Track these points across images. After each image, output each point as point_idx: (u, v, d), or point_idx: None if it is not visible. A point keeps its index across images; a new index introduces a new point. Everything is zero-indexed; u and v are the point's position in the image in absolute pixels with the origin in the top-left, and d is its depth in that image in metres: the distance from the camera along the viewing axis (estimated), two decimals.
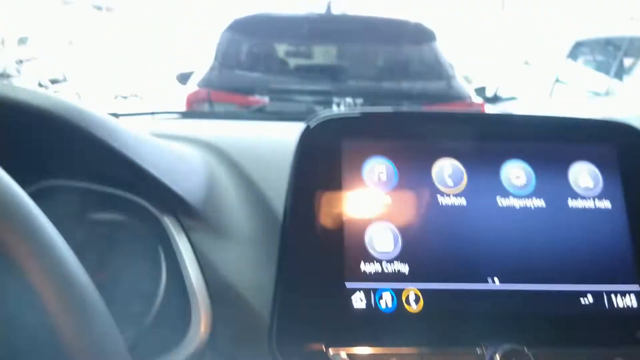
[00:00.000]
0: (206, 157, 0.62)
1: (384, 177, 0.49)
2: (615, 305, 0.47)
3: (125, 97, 5.18)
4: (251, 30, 3.26)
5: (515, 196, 0.50)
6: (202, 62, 3.33)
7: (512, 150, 0.51)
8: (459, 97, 3.11)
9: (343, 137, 0.50)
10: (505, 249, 0.48)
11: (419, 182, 0.49)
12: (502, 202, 0.49)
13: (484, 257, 0.47)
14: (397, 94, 3.13)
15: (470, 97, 3.13)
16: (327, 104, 2.94)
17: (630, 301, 0.47)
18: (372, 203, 0.49)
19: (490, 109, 4.20)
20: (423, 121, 0.52)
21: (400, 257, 0.47)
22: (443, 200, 0.49)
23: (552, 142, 0.51)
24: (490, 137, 0.51)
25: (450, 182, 0.49)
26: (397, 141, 0.50)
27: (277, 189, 0.55)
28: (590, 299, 0.47)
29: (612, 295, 0.47)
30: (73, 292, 0.28)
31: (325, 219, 0.47)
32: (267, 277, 0.48)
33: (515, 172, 0.50)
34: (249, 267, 0.51)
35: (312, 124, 0.51)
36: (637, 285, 0.48)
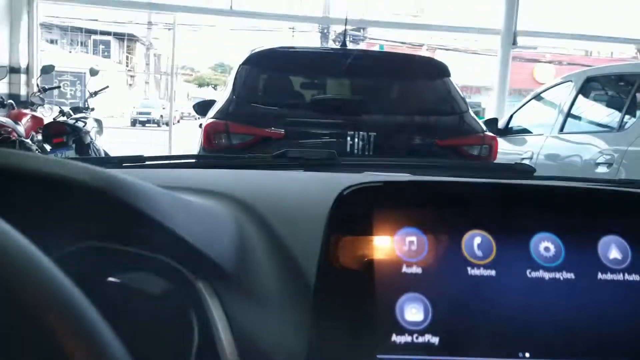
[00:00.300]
0: (236, 214, 0.63)
1: (414, 247, 0.50)
2: None
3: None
4: (267, 64, 3.32)
5: (544, 268, 0.50)
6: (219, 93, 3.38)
7: (541, 222, 0.52)
8: (471, 131, 3.14)
9: (375, 206, 0.51)
10: (536, 322, 0.48)
11: (448, 252, 0.50)
12: (531, 274, 0.50)
13: (515, 331, 0.48)
14: (411, 128, 3.15)
15: (483, 131, 3.15)
16: (342, 136, 2.97)
17: None
18: (402, 273, 0.50)
19: (501, 141, 4.21)
20: (454, 191, 0.53)
21: (431, 329, 0.48)
22: (473, 272, 0.50)
23: (581, 214, 0.52)
24: (520, 209, 0.52)
25: (479, 253, 0.50)
26: (428, 211, 0.52)
27: (307, 251, 0.56)
28: None
29: None
30: None
31: (356, 289, 0.48)
32: (298, 343, 0.49)
33: (545, 244, 0.51)
34: (281, 332, 0.52)
35: (346, 192, 0.53)
36: None
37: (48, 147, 4.61)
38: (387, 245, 0.50)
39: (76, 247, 0.53)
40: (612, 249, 0.51)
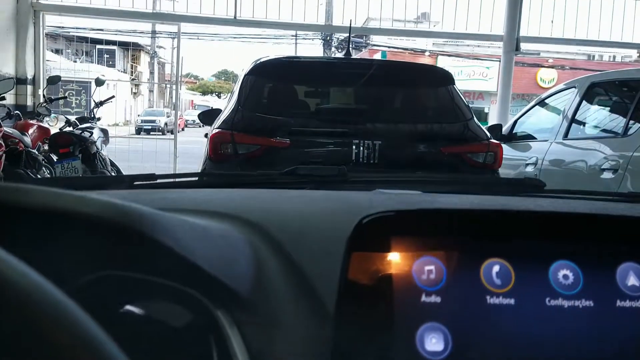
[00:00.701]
0: (250, 237, 0.63)
1: (432, 276, 0.51)
2: None
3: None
4: (272, 74, 3.34)
5: (563, 296, 0.50)
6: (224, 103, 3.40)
7: (560, 249, 0.52)
8: (476, 139, 3.14)
9: (394, 234, 0.52)
10: (555, 351, 0.48)
11: (467, 281, 0.51)
12: (550, 302, 0.50)
13: (534, 359, 0.48)
14: (416, 136, 3.16)
15: (487, 138, 3.15)
16: (347, 145, 2.98)
17: None
18: (422, 302, 0.50)
19: (505, 147, 4.20)
20: (472, 219, 0.54)
21: (452, 359, 0.48)
22: (492, 300, 0.50)
23: (599, 242, 0.53)
24: (538, 237, 0.53)
25: (498, 282, 0.51)
26: (446, 240, 0.52)
27: (321, 272, 0.56)
28: None
29: None
30: None
31: (376, 318, 0.49)
32: None
33: (563, 272, 0.51)
34: (299, 357, 0.52)
35: (364, 220, 0.53)
36: None
37: (55, 157, 4.63)
38: (405, 275, 0.51)
39: (96, 276, 0.53)
40: (631, 276, 0.52)
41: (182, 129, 22.36)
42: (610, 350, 0.49)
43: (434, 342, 0.49)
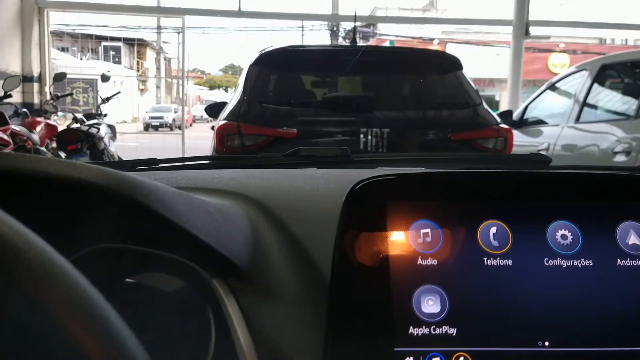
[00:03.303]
0: (250, 212, 0.63)
1: (429, 239, 0.50)
2: None
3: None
4: (278, 63, 3.32)
5: (562, 256, 0.49)
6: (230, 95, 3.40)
7: (558, 210, 0.51)
8: (485, 124, 3.11)
9: (388, 199, 0.51)
10: (554, 311, 0.47)
11: (464, 243, 0.50)
12: (548, 262, 0.49)
13: (533, 320, 0.47)
14: (424, 123, 3.14)
15: (497, 124, 3.12)
16: (355, 134, 2.97)
17: None
18: (418, 265, 0.49)
19: (516, 133, 4.17)
20: (467, 182, 0.53)
21: (449, 320, 0.47)
22: (489, 262, 0.49)
23: (598, 201, 0.51)
24: (536, 198, 0.51)
25: (495, 243, 0.50)
26: (442, 203, 0.51)
27: (320, 247, 0.56)
28: None
29: None
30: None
31: (372, 282, 0.48)
32: (314, 338, 0.49)
33: (562, 232, 0.50)
34: (297, 328, 0.52)
35: (358, 186, 0.52)
36: None
37: (62, 154, 4.67)
38: (401, 239, 0.50)
39: (91, 249, 0.53)
40: (631, 235, 0.50)
41: (190, 125, 22.47)
42: (610, 309, 0.48)
43: (430, 304, 0.48)
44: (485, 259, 0.49)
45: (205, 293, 0.53)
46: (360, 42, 3.73)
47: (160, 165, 1.07)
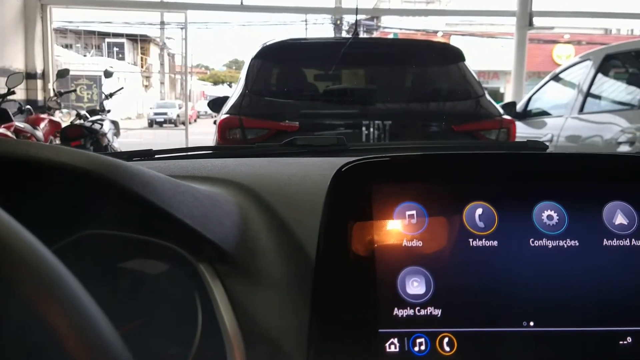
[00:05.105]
0: (239, 199, 0.63)
1: (414, 221, 0.50)
2: None
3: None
4: (279, 57, 3.31)
5: (547, 237, 0.49)
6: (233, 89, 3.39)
7: (544, 191, 0.51)
8: (488, 116, 3.09)
9: (374, 182, 0.51)
10: (539, 291, 0.47)
11: (450, 225, 0.50)
12: (534, 242, 0.49)
13: (518, 300, 0.47)
14: (426, 115, 3.13)
15: (500, 115, 3.10)
16: (357, 126, 2.96)
17: None
18: (403, 247, 0.49)
19: (519, 125, 4.15)
20: (452, 164, 0.53)
21: (433, 301, 0.47)
22: (474, 243, 0.49)
23: (584, 182, 0.51)
24: (521, 179, 0.51)
25: (481, 225, 0.50)
26: (427, 185, 0.51)
27: (309, 231, 0.56)
28: (629, 340, 0.46)
29: None
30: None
31: (357, 264, 0.48)
32: (300, 321, 0.49)
33: (548, 213, 0.50)
34: (283, 311, 0.52)
35: (344, 168, 0.52)
36: None
37: None
38: (387, 221, 0.50)
39: (80, 235, 0.53)
40: (618, 215, 0.50)
41: (195, 120, 22.45)
42: (595, 289, 0.48)
43: (415, 286, 0.48)
44: (470, 240, 0.49)
45: (192, 278, 0.53)
46: (363, 36, 3.72)
47: (156, 156, 1.08)
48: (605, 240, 0.49)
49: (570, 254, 0.49)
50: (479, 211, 0.50)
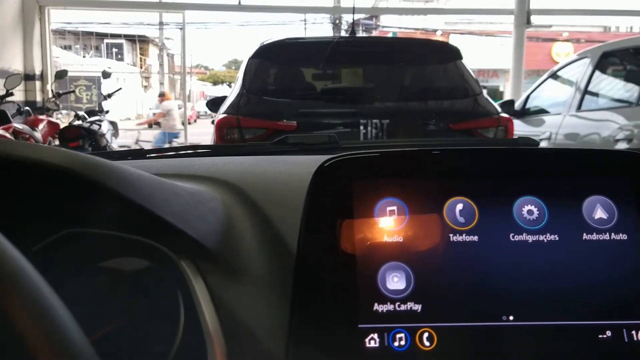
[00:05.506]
0: (225, 197, 0.63)
1: (395, 217, 0.50)
2: (636, 340, 0.46)
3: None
4: (277, 56, 3.31)
5: (528, 231, 0.50)
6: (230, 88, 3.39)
7: (524, 186, 0.51)
8: (485, 114, 3.09)
9: (355, 178, 0.51)
10: (519, 285, 0.48)
11: (430, 220, 0.50)
12: (515, 237, 0.49)
13: (498, 295, 0.47)
14: (424, 114, 3.12)
15: (497, 113, 3.10)
16: (354, 125, 2.96)
17: None
18: (383, 242, 0.49)
19: (518, 123, 4.14)
20: (433, 160, 0.53)
21: (414, 297, 0.47)
22: (455, 238, 0.49)
23: (564, 177, 0.51)
24: (502, 174, 0.51)
25: (462, 220, 0.50)
26: (408, 181, 0.51)
27: (293, 228, 0.56)
28: (609, 334, 0.46)
29: (632, 330, 0.47)
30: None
31: (337, 260, 0.48)
32: (282, 317, 0.49)
33: (528, 208, 0.50)
34: (265, 308, 0.52)
35: (326, 164, 0.52)
36: None
37: None
38: (368, 217, 0.50)
39: (62, 234, 0.53)
40: (598, 209, 0.50)
41: (195, 121, 22.41)
42: (574, 284, 0.48)
43: (395, 281, 0.48)
44: (451, 235, 0.49)
45: (175, 275, 0.53)
46: (362, 35, 3.72)
47: (148, 155, 1.08)
48: (585, 234, 0.50)
49: (550, 249, 0.49)
50: (460, 206, 0.50)
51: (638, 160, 0.52)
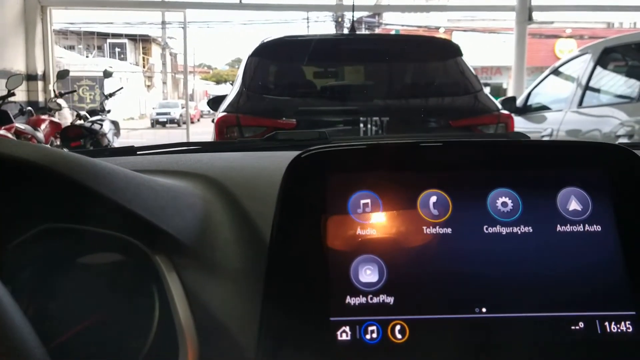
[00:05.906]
0: (205, 192, 0.63)
1: (369, 210, 0.50)
2: (608, 331, 0.46)
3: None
4: (276, 54, 3.31)
5: (501, 223, 0.49)
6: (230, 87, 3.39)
7: (499, 178, 0.51)
8: (486, 111, 3.09)
9: (328, 171, 0.51)
10: (492, 277, 0.47)
11: (404, 213, 0.50)
12: (488, 229, 0.49)
13: (471, 287, 0.47)
14: (424, 111, 3.12)
15: (498, 110, 3.10)
16: (354, 123, 2.96)
17: (624, 327, 0.46)
18: (357, 235, 0.49)
19: (519, 120, 4.13)
20: (407, 153, 0.53)
21: (386, 289, 0.47)
22: (429, 230, 0.49)
23: (539, 169, 0.51)
24: (476, 166, 0.51)
25: (435, 212, 0.50)
26: (382, 174, 0.51)
27: (270, 222, 0.56)
28: (581, 325, 0.46)
29: (605, 322, 0.46)
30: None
31: (309, 253, 0.48)
32: (255, 312, 0.49)
33: (502, 200, 0.50)
34: (239, 303, 0.52)
35: (301, 156, 0.52)
36: (630, 311, 0.47)
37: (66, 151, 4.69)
38: (341, 209, 0.50)
39: (38, 230, 0.53)
40: (572, 201, 0.50)
41: (198, 120, 22.44)
42: (548, 275, 0.48)
43: (368, 274, 0.48)
44: (424, 227, 0.49)
45: (150, 269, 0.53)
46: (364, 32, 3.71)
47: (138, 152, 1.08)
48: (559, 226, 0.49)
49: (524, 240, 0.49)
50: (434, 199, 0.50)
51: (613, 152, 0.52)
